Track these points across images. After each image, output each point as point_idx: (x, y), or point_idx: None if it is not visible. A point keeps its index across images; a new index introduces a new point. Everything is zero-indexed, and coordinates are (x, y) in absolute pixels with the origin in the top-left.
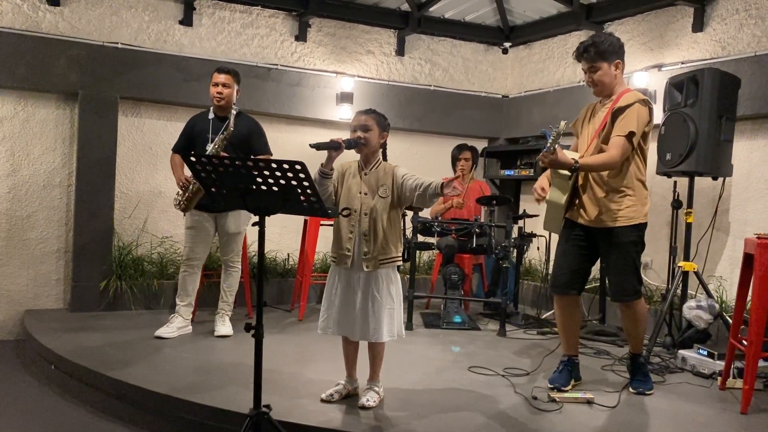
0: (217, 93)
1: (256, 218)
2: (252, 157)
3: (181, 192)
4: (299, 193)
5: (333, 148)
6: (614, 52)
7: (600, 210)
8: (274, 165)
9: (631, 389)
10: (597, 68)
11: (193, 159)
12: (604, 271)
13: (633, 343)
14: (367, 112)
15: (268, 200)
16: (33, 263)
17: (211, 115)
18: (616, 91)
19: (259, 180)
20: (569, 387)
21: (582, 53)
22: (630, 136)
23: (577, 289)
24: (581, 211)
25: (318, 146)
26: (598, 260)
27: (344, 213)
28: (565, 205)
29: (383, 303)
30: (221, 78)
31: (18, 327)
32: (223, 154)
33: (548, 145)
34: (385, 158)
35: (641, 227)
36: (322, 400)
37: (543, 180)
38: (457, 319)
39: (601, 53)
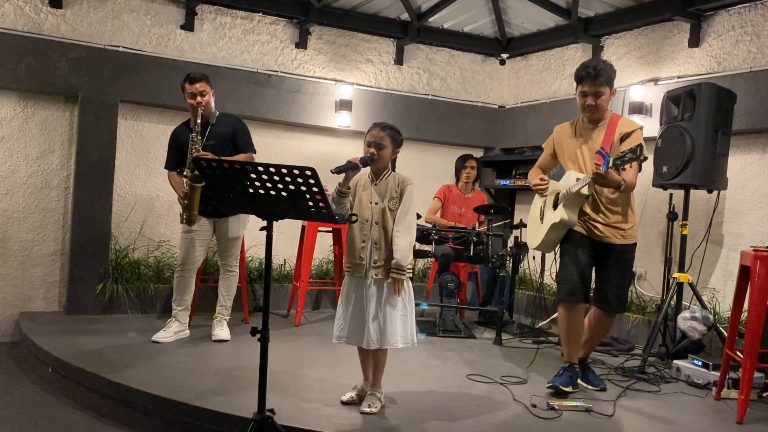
0: (197, 103)
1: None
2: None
3: (182, 208)
4: (308, 199)
5: (351, 169)
6: (613, 79)
7: (613, 229)
8: (284, 170)
9: (590, 387)
10: (602, 93)
11: (203, 164)
12: (604, 283)
13: (589, 350)
14: (384, 128)
15: (277, 205)
16: (29, 265)
17: (192, 124)
18: (606, 115)
19: (269, 185)
20: (569, 387)
21: (595, 77)
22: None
23: (589, 297)
24: (592, 227)
25: (338, 170)
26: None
27: (352, 219)
28: None
29: (396, 310)
30: (197, 87)
31: (12, 329)
32: (207, 154)
33: (605, 166)
34: (393, 168)
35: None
36: (343, 403)
37: (537, 171)
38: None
39: (609, 80)
